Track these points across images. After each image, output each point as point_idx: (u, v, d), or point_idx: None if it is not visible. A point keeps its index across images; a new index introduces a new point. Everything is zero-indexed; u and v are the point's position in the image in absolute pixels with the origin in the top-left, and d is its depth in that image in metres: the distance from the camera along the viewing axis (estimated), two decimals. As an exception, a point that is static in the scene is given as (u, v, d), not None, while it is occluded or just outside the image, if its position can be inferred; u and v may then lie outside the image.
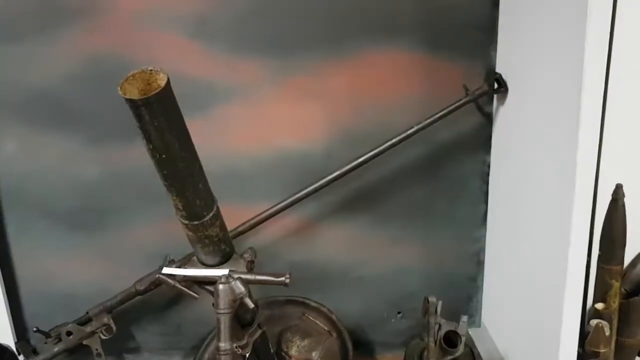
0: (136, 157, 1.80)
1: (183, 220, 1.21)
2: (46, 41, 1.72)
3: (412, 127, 1.70)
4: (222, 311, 1.23)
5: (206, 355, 1.88)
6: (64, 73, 1.75)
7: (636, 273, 1.80)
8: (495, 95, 1.79)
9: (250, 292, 1.28)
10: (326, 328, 1.89)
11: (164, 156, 1.05)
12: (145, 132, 1.02)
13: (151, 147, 1.04)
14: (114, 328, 1.84)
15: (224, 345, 1.22)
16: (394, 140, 1.71)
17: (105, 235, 1.92)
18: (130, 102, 0.97)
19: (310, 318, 1.92)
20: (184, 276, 1.33)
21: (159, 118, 1.00)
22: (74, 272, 1.95)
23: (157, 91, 0.97)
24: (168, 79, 1.00)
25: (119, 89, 0.99)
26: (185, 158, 1.10)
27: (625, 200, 1.51)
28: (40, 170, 1.85)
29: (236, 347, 1.25)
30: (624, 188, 1.49)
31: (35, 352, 1.89)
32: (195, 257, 1.37)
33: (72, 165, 1.84)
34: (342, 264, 1.99)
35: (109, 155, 1.83)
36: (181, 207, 1.17)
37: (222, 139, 1.82)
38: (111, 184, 1.86)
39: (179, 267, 1.37)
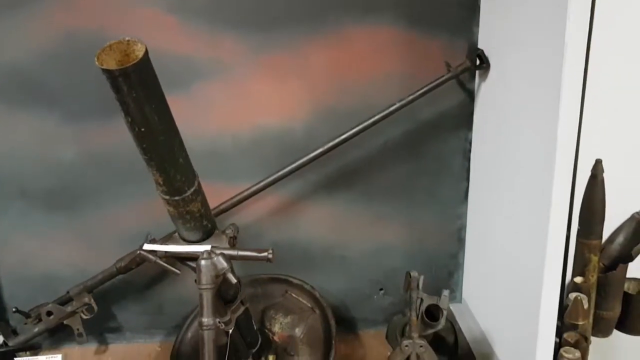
0: (114, 136, 1.78)
1: (164, 196, 1.20)
2: (19, 16, 1.67)
3: (394, 104, 1.70)
4: (204, 287, 1.23)
5: (189, 334, 1.88)
6: (38, 49, 1.71)
7: (614, 248, 1.83)
8: (477, 72, 1.79)
9: (232, 268, 1.28)
10: (309, 305, 1.90)
11: (143, 129, 1.03)
12: (124, 104, 1.00)
13: (130, 120, 1.02)
14: (95, 308, 1.82)
15: (206, 320, 1.22)
16: (376, 118, 1.71)
17: (84, 216, 1.89)
18: (108, 72, 0.95)
19: (293, 295, 1.92)
20: (166, 252, 1.32)
21: (137, 90, 0.98)
22: (53, 254, 1.92)
23: (135, 62, 0.95)
24: (146, 50, 0.98)
25: (95, 59, 0.97)
26: (164, 131, 1.08)
27: (605, 175, 1.52)
28: (14, 149, 1.81)
29: (219, 322, 1.24)
30: (603, 164, 1.51)
31: (15, 332, 1.87)
32: (176, 234, 1.35)
33: (48, 144, 1.81)
34: (325, 242, 1.99)
35: (85, 134, 1.80)
36: (161, 182, 1.16)
37: (202, 117, 1.80)
38: (89, 164, 1.84)
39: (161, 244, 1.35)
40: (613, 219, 1.79)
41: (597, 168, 1.52)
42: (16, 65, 1.72)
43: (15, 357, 1.69)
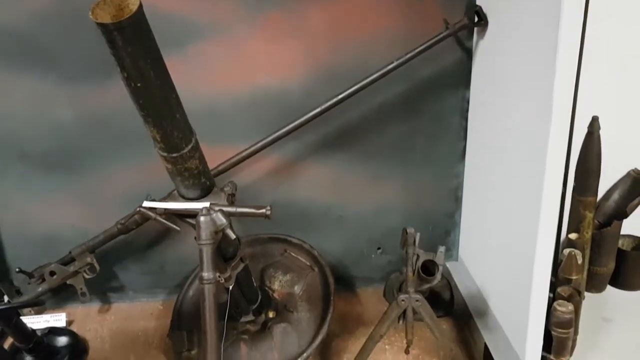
0: (112, 97, 1.77)
1: (162, 153, 1.20)
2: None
3: (392, 63, 1.69)
4: (204, 242, 1.25)
5: (190, 292, 1.91)
6: (33, 9, 1.68)
7: (609, 205, 1.85)
8: (475, 29, 1.78)
9: (231, 224, 1.30)
10: (308, 263, 1.93)
11: (139, 85, 1.04)
12: (119, 59, 1.00)
13: (126, 75, 1.02)
14: (98, 267, 1.85)
15: (207, 275, 1.24)
16: (373, 76, 1.70)
17: (83, 177, 1.90)
18: (102, 27, 0.95)
19: (292, 254, 1.95)
20: (165, 209, 1.34)
21: (133, 44, 0.98)
22: (54, 215, 1.94)
23: (129, 15, 0.95)
24: (140, 4, 0.97)
25: (90, 13, 0.96)
26: (160, 87, 1.08)
27: (601, 132, 1.53)
28: (12, 112, 1.81)
29: (219, 276, 1.26)
30: (600, 120, 1.51)
31: (19, 292, 1.91)
32: (175, 192, 1.37)
33: (46, 106, 1.81)
34: (323, 202, 2.01)
35: (83, 95, 1.80)
36: (159, 139, 1.16)
37: (199, 78, 1.80)
38: (87, 126, 1.84)
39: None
40: (609, 176, 1.80)
41: (594, 125, 1.52)
42: (11, 27, 1.70)
43: (20, 314, 1.72)
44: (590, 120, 1.52)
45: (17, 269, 1.83)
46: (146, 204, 1.37)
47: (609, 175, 1.78)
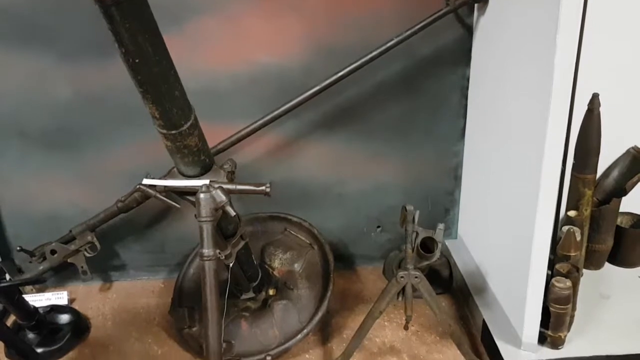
0: (111, 75, 1.77)
1: (161, 130, 1.20)
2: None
3: (392, 40, 1.68)
4: (204, 219, 1.25)
5: (191, 270, 1.92)
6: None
7: (608, 182, 1.86)
8: (475, 6, 1.76)
9: (231, 202, 1.30)
10: (308, 242, 1.93)
11: (137, 61, 1.03)
12: (117, 34, 0.99)
13: (124, 51, 1.01)
14: (98, 246, 1.86)
15: (207, 251, 1.24)
16: (373, 54, 1.69)
17: (83, 156, 1.90)
18: (100, 2, 0.94)
19: (292, 233, 1.96)
20: (165, 187, 1.34)
21: (130, 19, 0.97)
22: (54, 194, 1.94)
23: (127, -10, 0.94)
24: (138, -22, 0.96)
25: (86, -12, 0.95)
26: (158, 63, 1.07)
27: (601, 110, 1.53)
28: (11, 90, 1.80)
29: (219, 252, 1.27)
30: (600, 98, 1.51)
31: (20, 271, 1.92)
32: (175, 169, 1.37)
33: (45, 84, 1.80)
34: (323, 181, 2.01)
35: (82, 74, 1.79)
36: (158, 116, 1.16)
37: (198, 55, 1.78)
38: (86, 104, 1.83)
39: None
40: (608, 154, 1.81)
41: (594, 102, 1.52)
42: (8, 5, 1.69)
43: (22, 292, 1.73)
44: (591, 97, 1.52)
45: (18, 248, 1.83)
46: (146, 181, 1.37)
47: (609, 153, 1.79)
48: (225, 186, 1.30)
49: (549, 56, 1.32)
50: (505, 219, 1.68)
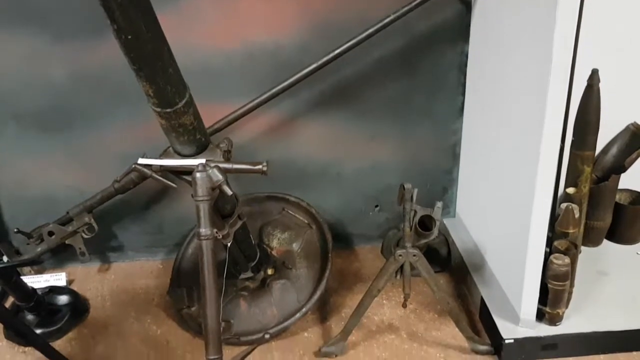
0: (105, 56, 1.74)
1: (155, 108, 1.19)
2: None
3: (389, 16, 1.65)
4: (200, 198, 1.24)
5: (189, 251, 1.92)
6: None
7: (607, 159, 1.85)
8: (474, -19, 1.74)
9: (227, 181, 1.29)
10: (306, 221, 1.93)
11: (129, 37, 1.01)
12: (109, 10, 0.97)
13: (116, 27, 0.99)
14: (96, 227, 1.86)
15: (204, 230, 1.24)
16: (370, 31, 1.66)
17: (79, 137, 1.88)
18: (90, -24, 0.92)
19: (290, 212, 1.95)
20: (161, 166, 1.33)
21: (122, -6, 0.95)
22: (50, 175, 1.93)
23: (117, -37, 0.92)
24: (129, -49, 0.94)
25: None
26: (152, 40, 1.05)
27: (601, 86, 1.51)
28: (5, 71, 1.77)
29: (216, 232, 1.26)
30: (599, 74, 1.49)
31: (18, 252, 1.92)
32: (171, 148, 1.36)
33: (39, 65, 1.77)
34: (320, 161, 2.00)
35: (76, 54, 1.76)
36: (152, 94, 1.14)
37: (192, 34, 1.76)
38: (81, 85, 1.81)
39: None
40: (607, 131, 1.80)
41: (593, 78, 1.50)
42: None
43: (20, 274, 1.73)
44: (590, 73, 1.50)
45: (15, 230, 1.83)
46: (141, 161, 1.36)
47: (608, 130, 1.77)
48: (221, 165, 1.29)
49: (548, 31, 1.31)
50: (504, 196, 1.67)
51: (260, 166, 1.31)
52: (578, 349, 1.59)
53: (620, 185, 1.87)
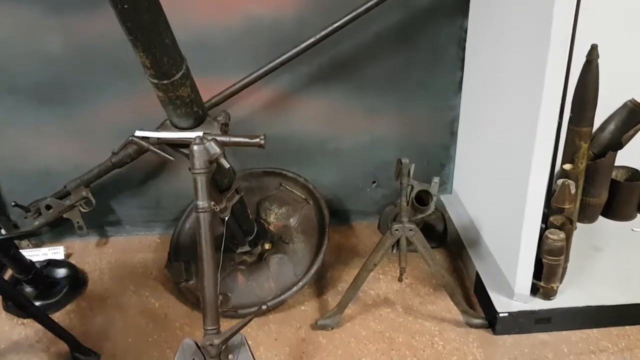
0: (101, 27, 1.73)
1: (152, 80, 1.18)
2: None
3: (389, -11, 1.64)
4: (198, 171, 1.24)
5: (187, 225, 1.93)
6: None
7: (604, 136, 1.85)
8: (474, -46, 1.72)
9: (225, 154, 1.29)
10: (303, 197, 1.94)
11: (125, 6, 1.00)
12: (104, -22, 0.96)
13: (112, -5, 0.99)
14: (93, 201, 1.86)
15: (201, 203, 1.24)
16: (369, 4, 1.65)
17: (75, 110, 1.87)
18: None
19: (288, 188, 1.96)
20: (158, 139, 1.32)
21: (117, -39, 0.94)
22: (47, 149, 1.93)
23: None
24: None
25: None
26: (148, 9, 1.04)
27: (599, 62, 1.51)
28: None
29: (214, 205, 1.27)
30: (599, 49, 1.49)
31: (16, 226, 1.92)
32: (168, 121, 1.35)
33: (34, 37, 1.76)
34: (318, 136, 2.00)
35: (72, 26, 1.75)
36: (149, 65, 1.13)
37: (190, 6, 1.74)
38: (77, 57, 1.79)
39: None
40: (605, 107, 1.80)
41: (592, 53, 1.50)
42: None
43: (18, 247, 1.74)
44: (589, 48, 1.50)
45: (13, 203, 1.83)
46: (138, 133, 1.35)
47: (606, 106, 1.77)
48: (219, 138, 1.28)
49: (548, 7, 1.30)
50: (501, 172, 1.68)
51: (257, 139, 1.31)
52: (571, 323, 1.61)
53: (617, 162, 1.87)
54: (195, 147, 1.24)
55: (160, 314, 1.74)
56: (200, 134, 1.30)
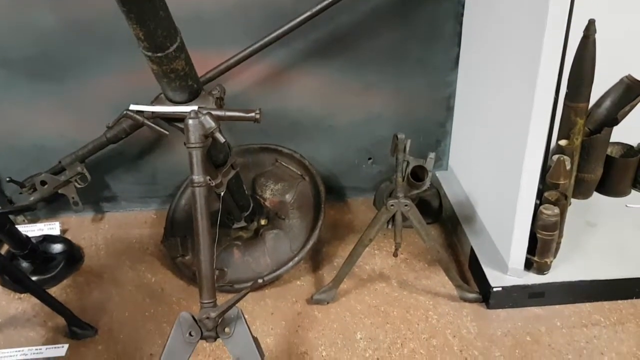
0: (94, 1, 1.70)
1: (146, 52, 1.16)
2: None
3: (385, -38, 1.62)
4: (193, 145, 1.23)
5: (183, 201, 1.93)
6: None
7: (600, 112, 1.85)
8: None
9: (220, 129, 1.28)
10: (299, 173, 1.94)
11: (118, -24, 0.99)
12: (96, -52, 0.94)
13: (104, -34, 0.97)
14: (89, 177, 1.85)
15: (197, 177, 1.23)
16: (366, -23, 1.63)
17: (68, 85, 1.86)
18: None
19: (283, 164, 1.96)
20: (153, 113, 1.31)
21: None
22: (41, 124, 1.92)
23: None
24: None
25: None
26: (142, -21, 1.03)
27: (597, 37, 1.50)
28: (-11, 16, 1.74)
29: (209, 179, 1.26)
30: (596, 24, 1.48)
31: (11, 202, 1.92)
32: (162, 95, 1.34)
33: (26, 10, 1.73)
34: (313, 112, 1.99)
35: (64, -2, 1.73)
36: (142, 37, 1.12)
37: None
38: (70, 31, 1.77)
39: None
40: (601, 83, 1.79)
41: (590, 29, 1.49)
42: None
43: (14, 223, 1.74)
44: (587, 23, 1.48)
45: (7, 179, 1.82)
46: (133, 107, 1.34)
47: (602, 82, 1.77)
48: (214, 112, 1.27)
49: (545, -19, 1.28)
50: (497, 148, 1.68)
51: (253, 114, 1.30)
52: (564, 297, 1.63)
53: (612, 139, 1.87)
54: (190, 121, 1.23)
55: (157, 289, 1.75)
56: (195, 108, 1.29)
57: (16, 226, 1.74)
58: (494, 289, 1.59)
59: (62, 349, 1.54)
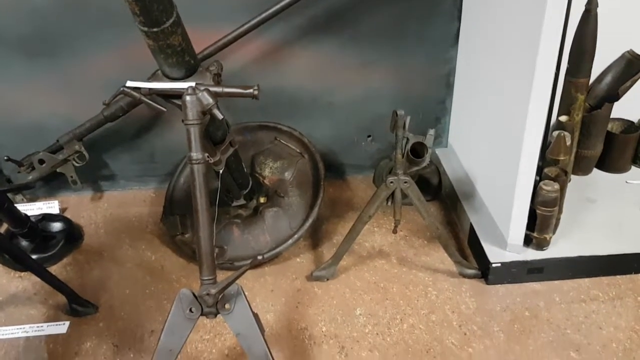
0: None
1: (142, 28, 1.15)
2: None
3: None
4: (190, 122, 1.22)
5: (182, 179, 1.93)
6: None
7: (601, 88, 1.83)
8: None
9: (218, 105, 1.27)
10: (298, 150, 1.93)
11: (113, -51, 0.97)
12: None
13: (98, -62, 0.95)
14: (87, 155, 1.85)
15: (195, 154, 1.22)
16: (364, -49, 1.61)
17: (65, 63, 1.84)
18: None
19: (282, 142, 1.95)
20: (149, 89, 1.30)
21: None
22: (38, 103, 1.90)
23: None
24: None
25: None
26: (136, -48, 1.01)
27: (598, 11, 1.48)
28: (-16, -6, 1.72)
29: (207, 157, 1.26)
30: (598, -2, 1.46)
31: (9, 181, 1.91)
32: (159, 72, 1.32)
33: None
34: (312, 90, 1.98)
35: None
36: (138, 12, 1.10)
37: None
38: (65, 9, 1.75)
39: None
40: (603, 59, 1.78)
41: (592, 3, 1.47)
42: None
43: (13, 202, 1.73)
44: (588, -3, 1.46)
45: (5, 158, 1.82)
46: (130, 83, 1.33)
47: (603, 57, 1.75)
48: (212, 88, 1.26)
49: (547, -47, 1.26)
50: (497, 124, 1.67)
51: (251, 90, 1.28)
52: (563, 272, 1.63)
53: (613, 115, 1.86)
54: (187, 98, 1.22)
55: (157, 267, 1.75)
56: (193, 84, 1.27)
57: (15, 205, 1.74)
58: (493, 265, 1.60)
59: (63, 326, 1.55)
